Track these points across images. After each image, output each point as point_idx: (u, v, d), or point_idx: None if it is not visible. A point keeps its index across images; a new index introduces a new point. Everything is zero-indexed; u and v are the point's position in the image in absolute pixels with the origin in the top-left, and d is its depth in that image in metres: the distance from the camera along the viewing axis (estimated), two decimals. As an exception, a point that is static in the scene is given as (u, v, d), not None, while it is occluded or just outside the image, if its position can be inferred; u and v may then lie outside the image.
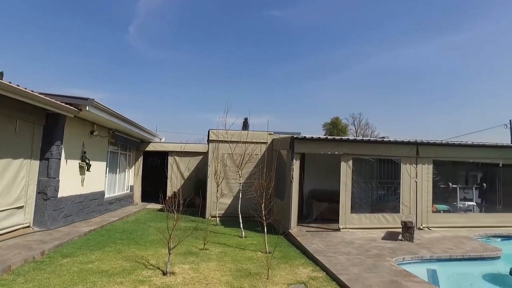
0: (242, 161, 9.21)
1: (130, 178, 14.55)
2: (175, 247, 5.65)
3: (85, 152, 9.61)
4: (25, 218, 7.55)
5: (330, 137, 9.76)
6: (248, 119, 37.23)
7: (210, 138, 11.92)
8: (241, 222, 8.64)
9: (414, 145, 9.75)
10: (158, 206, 13.29)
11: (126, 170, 14.12)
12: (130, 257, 6.21)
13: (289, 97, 73.08)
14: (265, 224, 6.93)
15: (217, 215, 10.70)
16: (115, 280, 4.91)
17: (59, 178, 8.27)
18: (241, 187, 9.43)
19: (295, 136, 9.34)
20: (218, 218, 10.59)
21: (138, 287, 4.67)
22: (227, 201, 11.66)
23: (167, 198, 10.33)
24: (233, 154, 10.56)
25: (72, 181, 9.04)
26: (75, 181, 9.28)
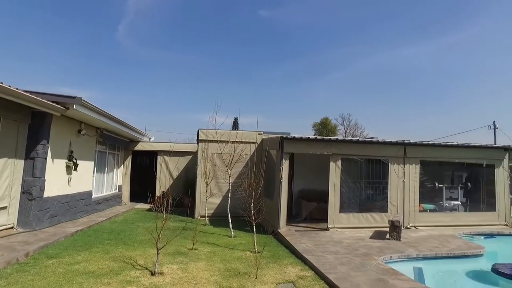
0: (232, 160, 9.21)
1: (119, 178, 14.39)
2: (164, 247, 5.62)
3: (72, 151, 9.46)
4: (8, 219, 7.39)
5: (319, 137, 9.82)
6: (238, 119, 37.26)
7: (199, 138, 11.89)
8: (230, 221, 8.64)
9: (402, 145, 9.90)
10: (147, 206, 13.19)
11: (115, 169, 13.97)
12: (118, 257, 6.15)
13: (279, 97, 73.51)
14: (254, 223, 6.94)
15: (206, 215, 10.67)
16: (102, 281, 4.86)
17: (45, 178, 8.13)
18: (230, 187, 9.42)
19: (285, 136, 9.39)
20: (207, 218, 10.57)
21: (126, 288, 4.63)
22: (217, 201, 11.64)
23: (156, 198, 10.24)
24: (222, 153, 10.54)
25: (58, 180, 8.90)
26: (62, 180, 9.14)
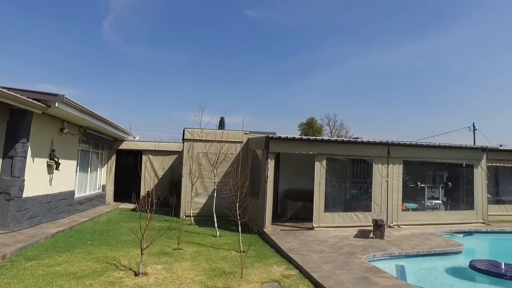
0: (217, 160, 9.18)
1: (102, 177, 14.13)
2: (148, 247, 5.56)
3: (54, 150, 9.24)
4: (-14, 219, 7.17)
5: (304, 137, 9.89)
6: (224, 118, 37.18)
7: (185, 137, 11.80)
8: (215, 221, 8.62)
9: (386, 145, 10.08)
10: (131, 206, 13.00)
11: (98, 169, 13.71)
12: (100, 258, 6.05)
13: (265, 97, 73.49)
14: (239, 223, 6.94)
15: (191, 215, 10.60)
16: (84, 282, 4.76)
17: (25, 178, 7.90)
18: (216, 187, 9.39)
19: (270, 135, 9.42)
20: (192, 218, 10.51)
21: (108, 289, 4.56)
22: (202, 200, 11.58)
23: (141, 198, 10.11)
24: (208, 153, 10.50)
25: (39, 180, 8.67)
26: (43, 180, 8.91)
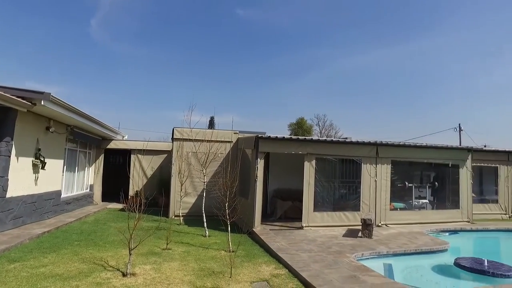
0: (207, 159, 9.13)
1: (90, 177, 13.93)
2: (137, 248, 5.51)
3: (39, 149, 9.05)
4: (-32, 220, 6.99)
5: (294, 137, 9.94)
6: (214, 118, 37.01)
7: (174, 136, 11.71)
8: (205, 221, 8.58)
9: (374, 145, 10.20)
10: (120, 206, 12.85)
11: (86, 168, 13.51)
12: (87, 259, 5.96)
13: (255, 97, 73.36)
14: (229, 223, 6.92)
15: (180, 214, 10.54)
16: (71, 283, 4.69)
17: (8, 177, 7.72)
18: (205, 186, 9.35)
19: (260, 135, 9.43)
20: (181, 218, 10.45)
21: (95, 290, 4.50)
22: (191, 200, 11.51)
23: (129, 198, 10.00)
24: (197, 152, 10.43)
25: (24, 180, 8.49)
26: (28, 180, 8.72)
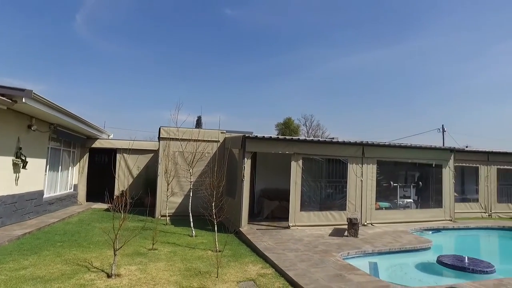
0: (194, 159, 9.08)
1: (74, 177, 13.65)
2: (122, 248, 5.42)
3: (20, 148, 8.82)
4: None
5: (281, 136, 9.99)
6: (201, 118, 36.85)
7: (161, 136, 11.60)
8: (191, 221, 8.53)
9: (360, 146, 10.33)
10: (105, 206, 12.65)
11: (70, 167, 13.23)
12: (71, 260, 5.85)
13: (243, 96, 73.30)
14: (215, 222, 6.89)
15: (167, 214, 10.45)
16: (52, 286, 4.59)
17: (-11, 177, 7.52)
18: (192, 186, 9.29)
19: (247, 135, 9.43)
20: (168, 217, 10.36)
21: (79, 292, 4.41)
22: (178, 200, 11.43)
23: (115, 197, 9.86)
24: (184, 152, 10.36)
25: (3, 179, 8.26)
26: (8, 179, 8.49)
